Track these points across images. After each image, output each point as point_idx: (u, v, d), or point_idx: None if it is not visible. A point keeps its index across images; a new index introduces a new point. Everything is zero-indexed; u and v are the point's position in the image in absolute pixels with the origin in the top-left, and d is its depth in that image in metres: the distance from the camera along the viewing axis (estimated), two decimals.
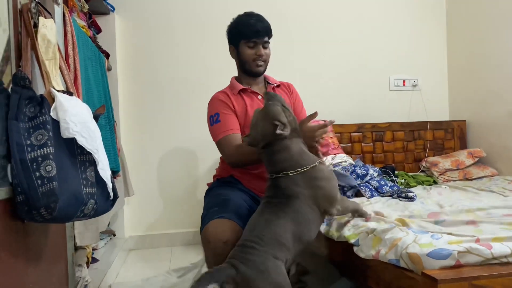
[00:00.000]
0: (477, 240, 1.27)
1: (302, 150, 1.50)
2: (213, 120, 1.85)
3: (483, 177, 2.90)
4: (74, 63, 1.76)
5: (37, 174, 1.06)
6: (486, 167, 2.97)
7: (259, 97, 1.93)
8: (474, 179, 2.89)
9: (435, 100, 3.52)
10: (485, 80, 3.13)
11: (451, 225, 1.53)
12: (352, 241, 1.58)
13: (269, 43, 1.92)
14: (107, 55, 2.81)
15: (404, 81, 3.49)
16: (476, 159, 3.02)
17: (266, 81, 2.03)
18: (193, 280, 1.26)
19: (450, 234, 1.38)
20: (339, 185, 2.34)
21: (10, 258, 1.09)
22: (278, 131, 1.44)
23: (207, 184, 2.04)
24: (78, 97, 1.55)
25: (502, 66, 2.96)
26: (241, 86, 1.94)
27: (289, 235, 1.35)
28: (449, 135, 3.33)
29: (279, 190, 1.45)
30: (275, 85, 2.02)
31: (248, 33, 1.85)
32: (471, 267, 1.17)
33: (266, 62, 1.94)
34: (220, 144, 1.82)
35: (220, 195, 1.76)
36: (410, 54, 3.49)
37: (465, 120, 3.36)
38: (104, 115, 2.26)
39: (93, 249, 2.44)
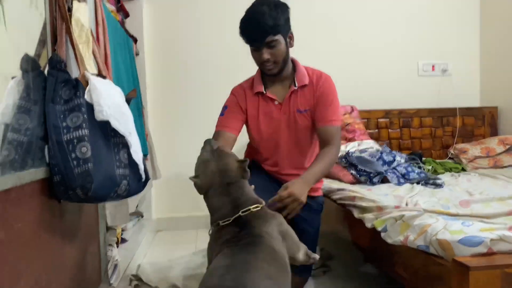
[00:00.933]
0: (510, 228, 1.24)
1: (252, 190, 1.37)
2: (222, 111, 1.87)
3: None
4: (105, 47, 1.79)
5: (73, 155, 1.09)
6: None
7: (276, 102, 1.79)
8: (505, 167, 2.81)
9: (466, 86, 3.42)
10: None
11: (482, 212, 1.50)
12: (379, 228, 1.58)
13: (275, 40, 1.66)
14: (135, 40, 2.84)
15: (433, 66, 3.40)
16: (508, 146, 2.94)
17: (293, 80, 1.80)
18: None
19: (482, 221, 1.36)
20: (365, 171, 2.34)
21: (48, 236, 1.14)
22: (246, 168, 1.33)
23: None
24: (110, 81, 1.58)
25: None
26: (259, 89, 1.80)
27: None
28: (480, 122, 3.25)
29: (245, 228, 1.22)
30: (296, 88, 1.78)
31: (246, 40, 1.74)
32: (503, 255, 1.15)
33: (277, 62, 1.71)
34: (213, 135, 1.84)
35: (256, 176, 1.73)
36: (440, 38, 3.40)
37: (496, 107, 3.26)
38: (133, 99, 2.30)
39: (122, 230, 2.51)
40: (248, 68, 2.14)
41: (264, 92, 1.80)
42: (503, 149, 2.92)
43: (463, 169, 2.82)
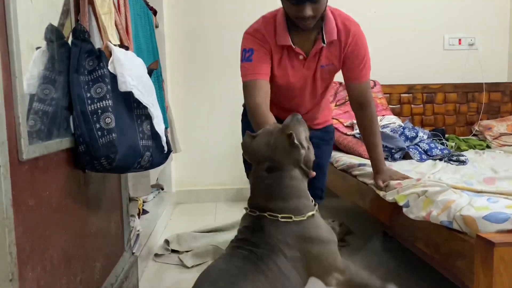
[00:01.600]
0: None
1: (305, 193, 1.22)
2: (245, 56, 1.62)
3: None
4: (126, 19, 1.77)
5: (97, 125, 1.10)
6: None
7: (300, 57, 1.64)
8: None
9: (493, 60, 3.31)
10: None
11: (507, 189, 1.47)
12: (401, 203, 1.56)
13: None
14: (155, 12, 2.81)
15: (460, 40, 3.29)
16: None
17: (322, 35, 1.62)
18: None
19: (507, 198, 1.33)
20: (387, 147, 2.31)
21: (74, 204, 1.16)
22: (295, 141, 1.17)
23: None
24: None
25: None
26: (285, 41, 1.61)
27: None
28: (507, 98, 3.15)
29: (259, 234, 1.13)
30: (325, 45, 1.63)
31: None
32: None
33: (316, 17, 1.53)
34: (245, 86, 1.64)
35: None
36: (467, 11, 3.27)
37: None
38: (154, 72, 2.29)
39: (144, 202, 2.56)
40: None
41: (293, 46, 1.61)
42: None
43: (488, 146, 2.76)
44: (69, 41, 1.15)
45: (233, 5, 3.16)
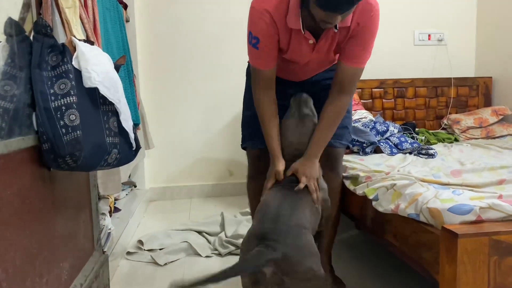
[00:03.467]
0: (500, 197, 1.25)
1: None
2: (251, 41, 1.55)
3: (506, 135, 2.83)
4: (93, 13, 1.73)
5: (62, 123, 1.07)
6: (510, 125, 2.90)
7: (310, 41, 1.53)
8: (497, 137, 2.83)
9: (461, 56, 3.39)
10: None
11: (473, 181, 1.51)
12: (371, 196, 1.59)
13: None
14: (125, 6, 2.76)
15: (429, 35, 3.36)
16: (501, 117, 2.94)
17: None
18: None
19: (472, 190, 1.37)
20: (358, 141, 2.34)
21: (39, 204, 1.13)
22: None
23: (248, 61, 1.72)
24: (99, 47, 1.54)
25: None
26: (296, 25, 1.47)
27: (308, 212, 1.35)
28: (474, 92, 3.24)
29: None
30: (336, 31, 1.50)
31: (324, 4, 1.28)
32: (492, 223, 1.16)
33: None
34: (251, 69, 1.62)
35: (251, 105, 1.66)
36: (437, 7, 3.34)
37: (491, 77, 3.24)
38: (124, 68, 2.25)
39: (115, 199, 2.52)
40: (243, 36, 2.09)
41: (303, 32, 1.49)
42: (496, 120, 2.92)
43: (456, 140, 2.83)
44: (31, 36, 1.12)
45: None
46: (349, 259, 2.02)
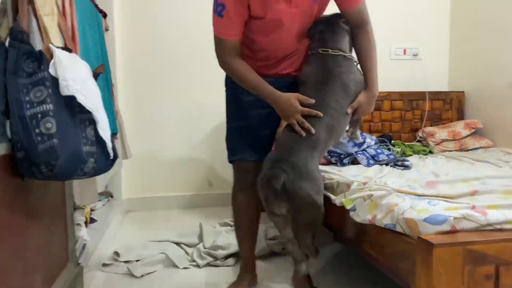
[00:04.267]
0: (473, 207, 1.29)
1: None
2: (217, 8, 1.53)
3: (478, 148, 2.91)
4: (72, 21, 1.71)
5: (37, 131, 1.05)
6: (482, 138, 2.98)
7: None
8: (470, 150, 2.91)
9: (435, 70, 3.48)
10: (487, 51, 3.10)
11: (447, 192, 1.54)
12: (348, 207, 1.60)
13: None
14: (104, 15, 2.74)
15: (405, 50, 3.45)
16: (473, 130, 3.03)
17: None
18: None
19: (447, 201, 1.40)
20: (336, 152, 2.37)
21: (12, 214, 1.10)
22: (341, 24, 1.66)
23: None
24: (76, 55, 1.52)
25: (506, 37, 2.92)
26: None
27: (324, 129, 1.51)
28: (447, 106, 3.33)
29: (324, 69, 1.58)
30: None
31: None
32: (466, 233, 1.19)
33: None
34: (216, 40, 1.62)
35: (239, 116, 1.72)
36: (412, 22, 3.43)
37: (463, 91, 3.34)
38: (102, 76, 2.23)
39: (92, 210, 2.47)
40: None
41: None
42: (468, 133, 3.01)
43: (431, 152, 2.90)
44: (7, 42, 1.10)
45: (186, 7, 3.13)
46: (327, 269, 2.03)
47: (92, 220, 2.38)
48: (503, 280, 1.14)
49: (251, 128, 1.70)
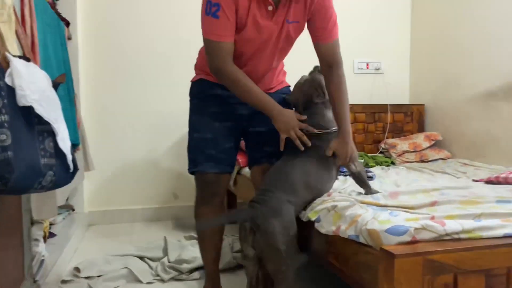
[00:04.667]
0: (432, 218, 1.32)
1: (332, 118, 1.71)
2: (210, 10, 1.50)
3: (438, 159, 3.02)
4: (32, 29, 1.66)
5: None
6: (442, 150, 3.09)
7: (269, 8, 1.55)
8: (430, 161, 3.01)
9: (396, 84, 3.60)
10: (445, 66, 3.24)
11: (408, 203, 1.58)
12: (313, 218, 1.61)
13: None
14: (67, 23, 2.68)
15: (367, 64, 3.55)
16: (433, 142, 3.14)
17: None
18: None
19: (407, 211, 1.44)
20: None
21: None
22: (316, 100, 1.71)
23: (192, 81, 1.80)
24: (36, 64, 1.47)
25: (463, 53, 3.06)
26: None
27: (301, 184, 1.58)
28: (408, 118, 3.44)
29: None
30: None
31: None
32: (425, 243, 1.22)
33: None
34: (209, 44, 1.55)
35: (203, 127, 1.70)
36: (375, 38, 3.55)
37: (423, 104, 3.47)
38: (64, 86, 2.17)
39: (51, 224, 2.38)
40: (190, 55, 2.06)
41: None
42: (428, 145, 3.11)
43: (393, 163, 2.98)
44: None
45: (151, 17, 3.11)
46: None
47: (51, 235, 2.30)
48: None
49: (214, 140, 1.70)
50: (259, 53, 1.65)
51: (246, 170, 2.25)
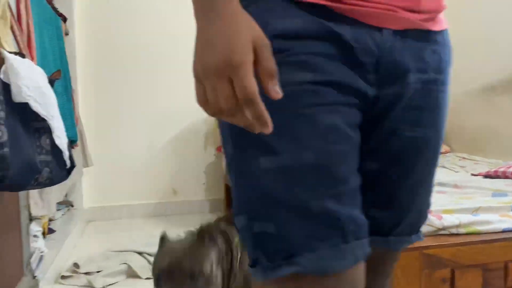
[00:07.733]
0: (430, 211, 1.32)
1: None
2: None
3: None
4: (28, 25, 1.65)
5: None
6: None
7: None
8: None
9: None
10: None
11: None
12: None
13: None
14: (64, 19, 2.66)
15: None
16: None
17: None
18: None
19: None
20: None
21: None
22: None
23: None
24: (32, 61, 1.47)
25: (462, 47, 3.05)
26: None
27: None
28: None
29: None
30: None
31: None
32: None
33: None
34: None
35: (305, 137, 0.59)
36: None
37: None
38: (61, 82, 2.16)
39: (50, 220, 2.38)
40: (188, 51, 2.06)
41: None
42: None
43: None
44: None
45: (150, 12, 3.10)
46: None
47: (51, 231, 2.30)
48: (458, 283, 1.18)
49: (327, 169, 0.60)
50: None
51: None
